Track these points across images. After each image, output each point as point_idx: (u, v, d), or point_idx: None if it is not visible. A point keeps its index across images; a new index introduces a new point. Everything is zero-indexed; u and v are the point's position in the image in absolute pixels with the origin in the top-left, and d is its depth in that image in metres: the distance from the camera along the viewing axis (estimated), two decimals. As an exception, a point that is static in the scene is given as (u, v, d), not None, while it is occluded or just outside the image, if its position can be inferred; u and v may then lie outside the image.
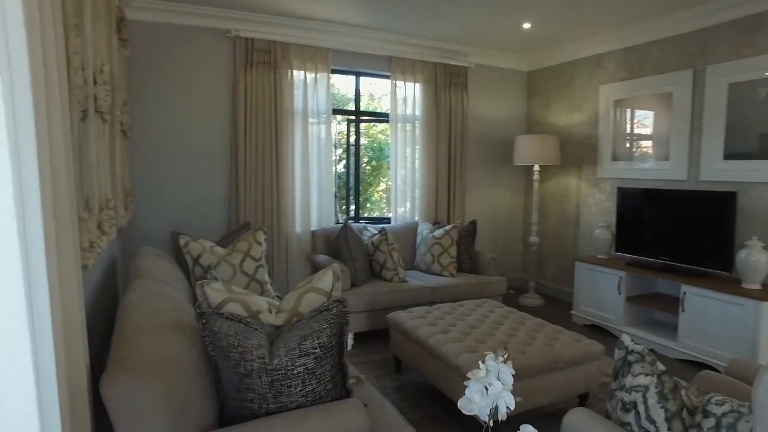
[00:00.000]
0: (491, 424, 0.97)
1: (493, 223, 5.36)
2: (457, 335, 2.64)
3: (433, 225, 4.43)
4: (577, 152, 4.78)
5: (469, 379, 1.06)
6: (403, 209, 4.78)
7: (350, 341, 1.84)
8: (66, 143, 1.24)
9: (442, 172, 4.81)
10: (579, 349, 2.52)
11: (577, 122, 4.78)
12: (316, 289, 1.89)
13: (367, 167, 7.35)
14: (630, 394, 1.41)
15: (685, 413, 1.33)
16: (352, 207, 4.85)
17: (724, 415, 1.28)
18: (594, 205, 4.64)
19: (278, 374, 1.51)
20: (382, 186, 7.24)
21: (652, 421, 1.34)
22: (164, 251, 3.09)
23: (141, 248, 2.91)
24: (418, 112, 4.74)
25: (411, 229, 4.48)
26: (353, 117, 4.77)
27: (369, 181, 7.35)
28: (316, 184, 4.38)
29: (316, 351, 1.55)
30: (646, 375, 1.39)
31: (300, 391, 1.55)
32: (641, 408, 1.37)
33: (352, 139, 4.81)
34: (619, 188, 4.07)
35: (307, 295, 1.86)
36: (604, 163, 4.50)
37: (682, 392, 1.37)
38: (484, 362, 1.01)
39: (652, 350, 3.65)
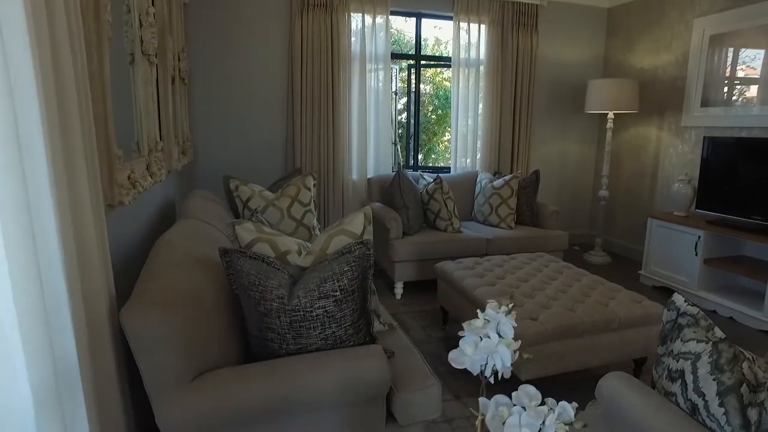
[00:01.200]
0: (491, 380, 0.87)
1: (561, 175, 5.02)
2: (504, 288, 2.51)
3: (494, 175, 4.21)
4: (660, 98, 4.28)
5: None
6: (464, 159, 4.58)
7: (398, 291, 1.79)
8: (82, 80, 1.22)
9: (506, 119, 4.52)
10: (636, 310, 2.31)
11: (663, 64, 4.25)
12: (347, 231, 1.83)
13: (432, 116, 7.13)
14: (678, 361, 1.24)
15: (744, 388, 1.15)
16: (418, 155, 4.72)
17: (789, 394, 1.09)
18: (675, 157, 4.18)
19: (297, 315, 1.49)
20: (448, 136, 7.01)
21: (701, 394, 1.18)
22: (220, 195, 3.18)
23: (194, 191, 3.01)
24: (482, 56, 4.44)
25: (470, 179, 4.29)
26: (413, 62, 4.55)
27: (434, 130, 7.14)
28: (373, 130, 4.29)
29: (336, 294, 1.51)
30: (699, 341, 1.21)
31: (319, 333, 1.53)
32: (689, 378, 1.21)
33: (414, 85, 4.61)
34: (706, 137, 3.61)
35: (336, 237, 1.81)
36: (691, 109, 4.00)
37: (744, 365, 1.18)
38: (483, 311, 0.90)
39: (730, 318, 3.31)
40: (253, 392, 1.41)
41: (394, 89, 5.24)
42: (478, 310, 0.90)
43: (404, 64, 4.68)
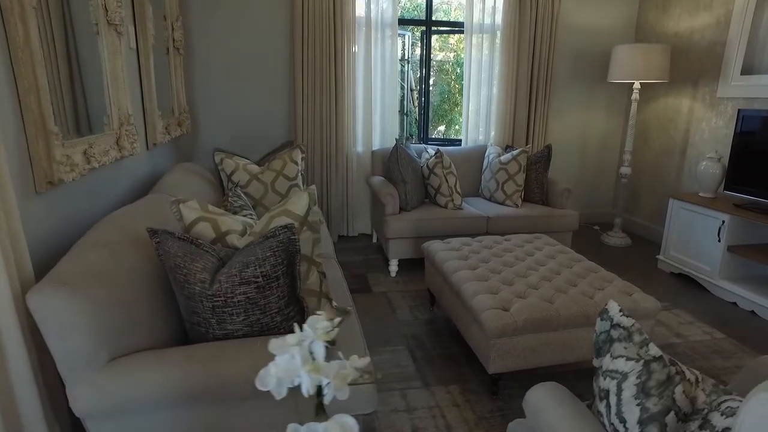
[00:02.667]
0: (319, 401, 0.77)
1: (583, 150, 4.70)
2: (484, 273, 2.37)
3: (505, 149, 3.98)
4: (695, 66, 3.87)
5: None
6: (476, 132, 4.35)
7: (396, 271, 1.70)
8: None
9: (522, 90, 4.23)
10: (624, 303, 2.12)
11: (701, 26, 3.82)
12: (288, 212, 1.75)
13: (456, 85, 6.82)
14: (605, 379, 1.09)
15: (671, 417, 0.99)
16: (428, 127, 4.53)
17: (725, 430, 0.93)
18: (708, 132, 3.79)
19: (218, 301, 1.43)
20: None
21: (623, 420, 1.03)
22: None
23: (180, 164, 2.99)
24: (498, 21, 4.13)
25: (479, 153, 4.08)
26: (423, 27, 4.31)
27: (456, 100, 6.84)
28: (379, 101, 4.12)
29: (258, 280, 1.44)
30: (629, 359, 1.05)
31: (243, 320, 1.47)
32: (613, 400, 1.06)
33: (424, 53, 4.38)
34: (741, 110, 3.23)
35: (277, 218, 1.73)
36: (729, 78, 3.59)
37: (678, 389, 1.02)
38: (315, 322, 0.79)
39: (752, 312, 3.02)
40: (172, 376, 1.37)
41: (406, 57, 5.01)
42: (297, 324, 0.79)
43: (418, 31, 4.43)
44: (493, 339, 2.00)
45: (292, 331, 1.59)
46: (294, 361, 0.72)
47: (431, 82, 6.73)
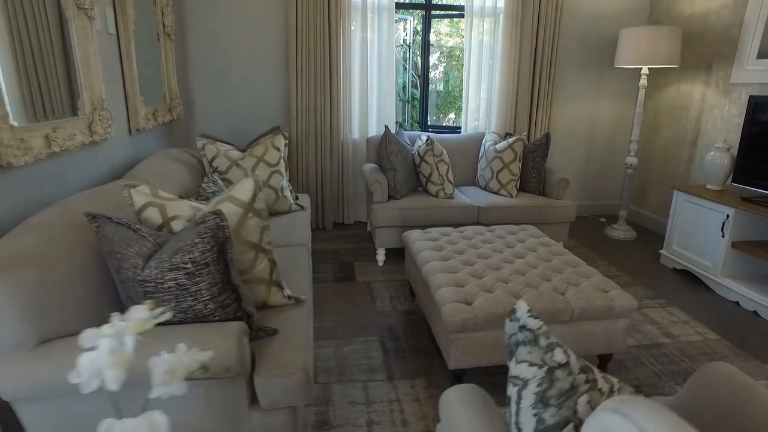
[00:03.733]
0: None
1: (591, 139, 4.51)
2: (456, 264, 2.30)
3: (505, 137, 3.85)
4: (709, 49, 3.63)
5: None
6: (476, 118, 4.23)
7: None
8: None
9: (524, 75, 4.07)
10: (597, 301, 2.01)
11: (717, 6, 3.58)
12: (233, 198, 1.71)
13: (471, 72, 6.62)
14: (510, 385, 1.02)
15: (568, 430, 0.92)
16: (427, 113, 4.43)
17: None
18: (720, 120, 3.57)
19: (149, 286, 1.42)
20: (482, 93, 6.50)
21: (519, 431, 0.96)
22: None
23: (164, 150, 3.00)
24: (500, 4, 3.98)
25: (477, 141, 3.97)
26: (422, 11, 4.19)
27: (461, 87, 6.66)
28: (376, 86, 4.04)
29: (188, 266, 1.41)
30: (532, 365, 0.98)
31: (175, 307, 1.45)
32: (513, 408, 0.99)
33: (423, 37, 4.26)
34: (752, 97, 3.02)
35: (222, 204, 1.70)
36: (744, 63, 3.36)
37: (582, 399, 0.94)
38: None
39: (754, 313, 2.85)
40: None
41: (407, 42, 4.90)
42: (112, 314, 0.75)
43: (418, 15, 4.31)
44: (453, 334, 1.93)
45: (230, 318, 1.58)
46: (96, 355, 0.68)
47: (441, 68, 6.59)
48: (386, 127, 3.35)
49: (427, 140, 3.43)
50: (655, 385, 2.19)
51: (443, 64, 6.57)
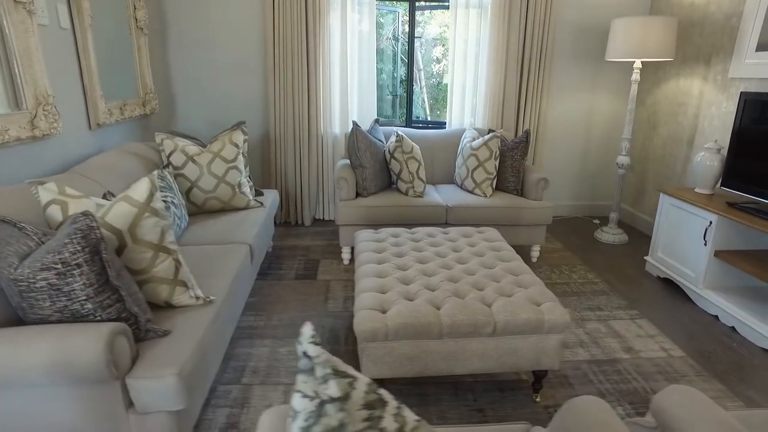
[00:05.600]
0: None
1: (586, 137, 4.28)
2: (388, 268, 2.21)
3: (488, 133, 3.69)
4: (709, 41, 3.35)
5: None
6: (461, 114, 4.08)
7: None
8: None
9: (511, 69, 3.89)
10: (524, 314, 1.88)
11: (720, -5, 3.30)
12: (128, 198, 1.69)
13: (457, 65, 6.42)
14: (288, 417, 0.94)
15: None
16: (412, 108, 4.32)
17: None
18: (717, 118, 3.30)
19: (22, 286, 1.41)
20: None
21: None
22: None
23: (124, 144, 3.03)
24: (488, -8, 3.81)
25: (459, 137, 3.83)
26: (406, 2, 4.06)
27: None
28: (357, 81, 3.96)
29: (57, 267, 1.40)
30: (304, 396, 0.89)
31: (50, 306, 1.44)
32: (289, 440, 0.91)
33: (408, 29, 4.14)
34: (743, 93, 2.76)
35: (118, 204, 1.68)
36: (742, 56, 3.08)
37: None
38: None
39: (732, 329, 2.63)
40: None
41: (396, 35, 4.77)
42: None
43: (403, 6, 4.18)
44: (363, 342, 1.85)
45: (112, 319, 1.56)
46: None
47: (444, 61, 6.41)
48: (354, 122, 3.27)
49: (396, 136, 3.33)
50: (595, 405, 2.04)
51: (447, 57, 6.40)
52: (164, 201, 2.44)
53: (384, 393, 0.95)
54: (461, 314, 1.86)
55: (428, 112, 5.61)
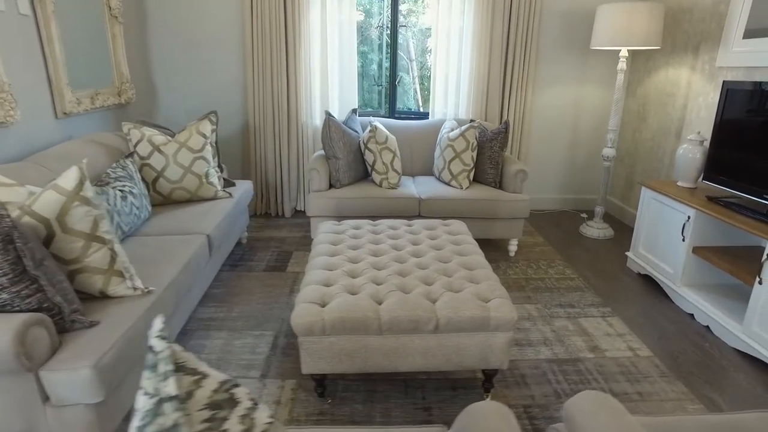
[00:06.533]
0: None
1: (575, 128, 4.15)
2: (339, 261, 2.16)
3: (470, 123, 3.60)
4: (698, 28, 3.21)
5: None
6: (444, 104, 3.99)
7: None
8: None
9: (495, 58, 3.78)
10: (468, 312, 1.81)
11: (710, -21, 3.14)
12: (57, 186, 1.66)
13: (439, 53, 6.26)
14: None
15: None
16: (394, 98, 4.23)
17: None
18: (704, 108, 3.16)
19: (-69, 276, 1.39)
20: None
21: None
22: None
23: (93, 133, 3.02)
24: (472, -22, 3.69)
25: (437, 128, 3.75)
26: (392, -12, 3.97)
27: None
28: (337, 70, 3.89)
29: (-35, 258, 1.37)
30: (146, 393, 0.85)
31: (-39, 297, 1.42)
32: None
33: (391, 17, 4.05)
34: (725, 82, 2.63)
35: (46, 193, 1.65)
36: (729, 43, 2.94)
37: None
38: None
39: (707, 328, 2.53)
40: None
41: (381, 23, 4.67)
42: None
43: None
44: (301, 337, 1.81)
45: (32, 310, 1.53)
46: None
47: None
48: (327, 112, 3.21)
49: (371, 126, 3.26)
50: (547, 407, 1.97)
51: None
52: (121, 191, 2.42)
53: (239, 392, 0.90)
54: (402, 310, 1.80)
55: (420, 104, 5.50)
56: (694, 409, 1.97)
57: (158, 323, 0.91)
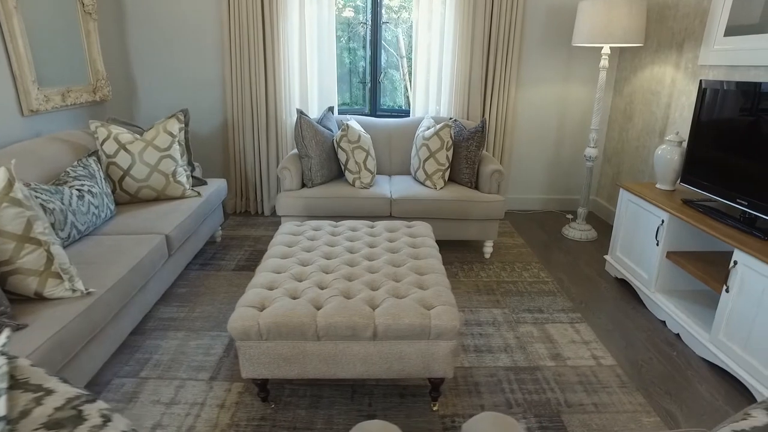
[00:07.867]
0: None
1: (560, 127, 4.05)
2: (289, 264, 2.12)
3: (445, 122, 3.53)
4: (682, 24, 3.09)
5: None
6: (425, 101, 3.92)
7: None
8: None
9: (476, 54, 3.70)
10: (407, 318, 1.75)
11: (695, -27, 3.03)
12: (-17, 189, 1.64)
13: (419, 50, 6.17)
14: None
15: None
16: (377, 97, 4.18)
17: None
18: (688, 107, 3.05)
19: None
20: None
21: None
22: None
23: (62, 131, 3.02)
24: (453, -27, 3.61)
25: (416, 126, 3.68)
26: (374, -16, 3.91)
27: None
28: (317, 67, 3.84)
29: None
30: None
31: None
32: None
33: (372, 14, 3.99)
34: (702, 81, 2.53)
35: (-27, 195, 1.64)
36: (711, 41, 2.82)
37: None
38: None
39: (677, 336, 2.44)
40: None
41: (365, 20, 4.60)
42: None
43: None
44: (238, 341, 1.77)
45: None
46: None
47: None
48: (298, 110, 3.17)
49: (343, 125, 3.21)
50: (496, 415, 1.91)
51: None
52: (79, 190, 2.40)
53: (88, 409, 0.86)
54: (339, 316, 1.75)
55: (411, 101, 5.43)
56: (648, 423, 1.90)
57: (3, 337, 0.88)
